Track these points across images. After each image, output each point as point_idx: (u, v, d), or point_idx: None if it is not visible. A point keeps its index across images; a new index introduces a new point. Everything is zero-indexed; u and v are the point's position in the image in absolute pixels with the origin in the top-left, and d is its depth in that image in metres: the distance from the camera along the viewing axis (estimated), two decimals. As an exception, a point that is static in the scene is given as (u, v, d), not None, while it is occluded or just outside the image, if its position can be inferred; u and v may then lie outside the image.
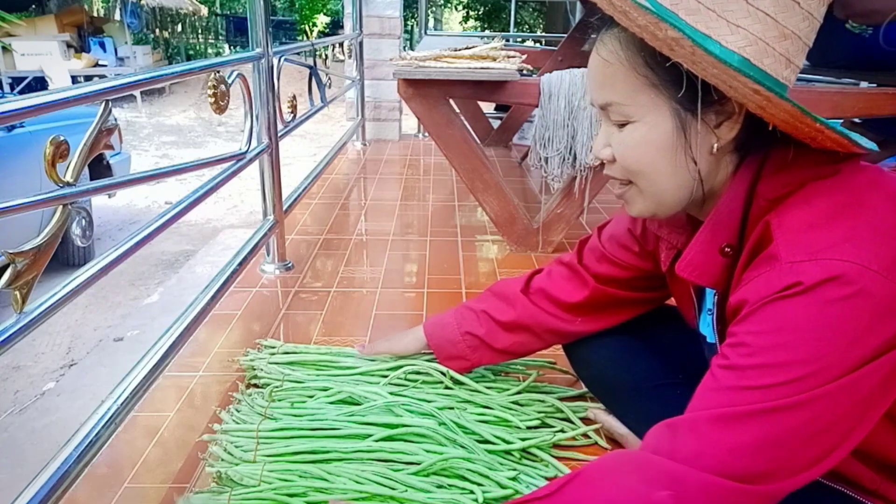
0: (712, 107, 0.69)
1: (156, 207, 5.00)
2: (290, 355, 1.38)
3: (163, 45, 12.41)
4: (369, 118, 4.08)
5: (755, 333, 0.65)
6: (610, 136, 0.76)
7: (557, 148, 1.97)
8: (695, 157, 0.71)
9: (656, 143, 0.71)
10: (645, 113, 0.71)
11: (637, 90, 0.71)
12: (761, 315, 0.65)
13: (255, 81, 1.83)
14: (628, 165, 0.75)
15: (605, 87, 0.73)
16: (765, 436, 0.62)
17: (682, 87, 0.68)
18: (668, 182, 0.74)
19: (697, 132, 0.70)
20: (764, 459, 0.62)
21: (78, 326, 3.04)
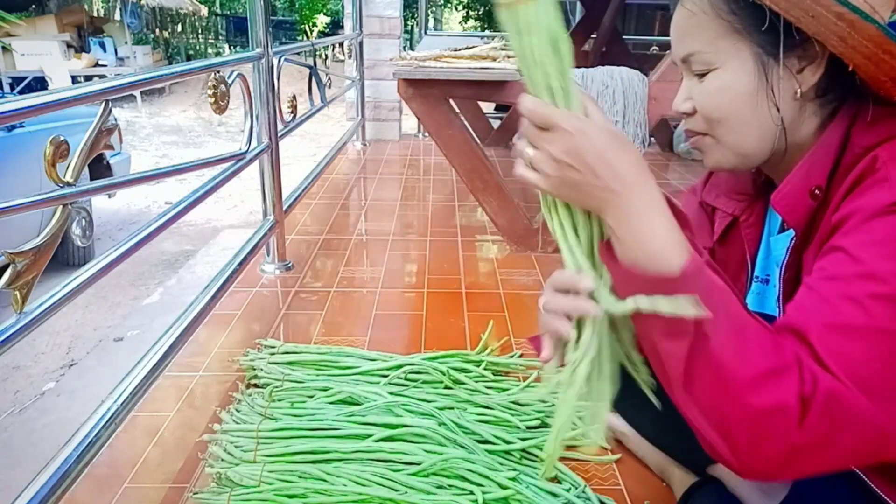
0: (794, 50, 0.67)
1: (156, 207, 5.00)
2: (291, 355, 1.38)
3: (163, 45, 12.41)
4: (369, 118, 4.08)
5: (861, 245, 0.60)
6: (691, 89, 0.74)
7: (557, 148, 1.97)
8: (777, 102, 0.69)
9: (738, 88, 0.70)
10: (727, 59, 0.70)
11: (719, 36, 0.70)
12: (868, 227, 0.61)
13: (255, 81, 1.83)
14: (709, 113, 0.73)
15: (688, 36, 0.72)
16: (882, 353, 0.56)
17: (761, 31, 0.66)
18: (750, 130, 0.72)
19: (780, 77, 0.68)
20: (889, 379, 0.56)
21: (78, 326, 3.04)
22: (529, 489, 1.04)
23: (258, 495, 1.02)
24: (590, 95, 1.94)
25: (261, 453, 1.10)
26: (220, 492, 1.04)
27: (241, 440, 1.14)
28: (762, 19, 0.66)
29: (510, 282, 1.96)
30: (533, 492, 1.04)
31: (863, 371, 0.56)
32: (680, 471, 1.05)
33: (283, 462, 1.08)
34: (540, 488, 1.05)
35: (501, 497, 1.02)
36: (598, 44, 3.97)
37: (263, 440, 1.13)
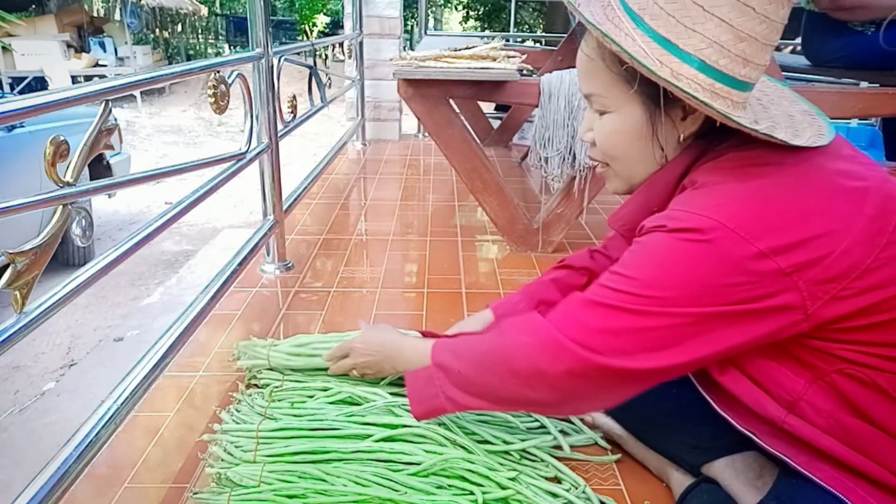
0: (678, 103, 0.77)
1: (156, 207, 5.00)
2: (293, 347, 1.37)
3: (163, 45, 12.41)
4: (369, 118, 4.08)
5: (628, 252, 0.79)
6: (593, 122, 0.86)
7: (557, 148, 1.97)
8: (662, 145, 0.82)
9: (629, 131, 0.82)
10: (619, 105, 0.81)
11: (612, 84, 0.80)
12: (637, 241, 0.79)
13: (255, 81, 1.83)
14: (605, 150, 0.86)
15: (587, 79, 0.84)
16: (607, 323, 0.77)
17: (648, 84, 0.76)
18: (638, 166, 0.85)
19: (663, 124, 0.80)
20: (602, 338, 0.77)
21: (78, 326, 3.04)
22: (529, 489, 1.04)
23: (258, 495, 1.02)
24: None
25: (261, 453, 1.10)
26: (219, 492, 1.04)
27: (240, 440, 1.14)
28: (647, 78, 0.75)
29: (510, 282, 1.96)
30: (533, 492, 1.04)
31: (581, 325, 0.80)
32: (678, 472, 1.05)
33: (282, 462, 1.08)
34: (540, 488, 1.05)
35: (501, 497, 1.02)
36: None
37: (263, 440, 1.13)
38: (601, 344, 0.77)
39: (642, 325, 0.75)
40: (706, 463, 0.99)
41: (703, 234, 0.70)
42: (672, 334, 0.74)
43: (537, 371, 0.82)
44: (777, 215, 0.70)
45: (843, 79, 2.38)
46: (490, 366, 0.88)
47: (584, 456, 1.17)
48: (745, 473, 0.94)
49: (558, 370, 0.80)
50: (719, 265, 0.70)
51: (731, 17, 0.71)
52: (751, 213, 0.70)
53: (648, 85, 0.76)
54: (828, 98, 1.98)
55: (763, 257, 0.69)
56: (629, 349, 0.76)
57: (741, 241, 0.69)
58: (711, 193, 0.74)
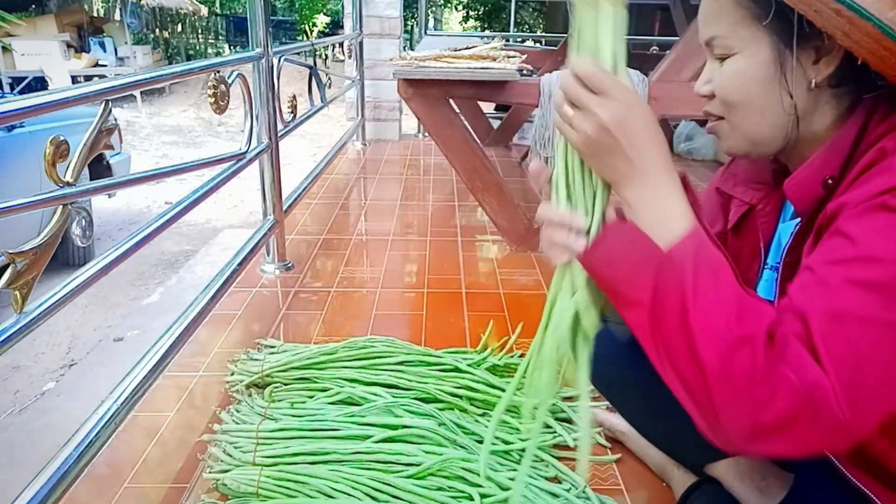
0: (810, 41, 0.68)
1: (156, 207, 5.00)
2: (288, 354, 1.38)
3: (163, 45, 12.41)
4: (369, 118, 4.08)
5: (860, 229, 0.61)
6: (712, 73, 0.76)
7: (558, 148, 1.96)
8: (791, 91, 0.71)
9: (754, 75, 0.72)
10: (745, 45, 0.72)
11: (739, 23, 0.71)
12: (866, 212, 0.61)
13: (255, 81, 1.83)
14: (726, 97, 0.74)
15: (711, 20, 0.74)
16: (868, 343, 0.56)
17: (780, 19, 0.67)
18: (762, 116, 0.73)
19: (793, 66, 0.70)
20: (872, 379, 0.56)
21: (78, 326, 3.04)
22: (529, 489, 1.04)
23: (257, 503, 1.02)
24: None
25: (260, 454, 1.10)
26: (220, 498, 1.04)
27: (240, 441, 1.14)
28: (779, 8, 0.67)
29: (510, 282, 1.96)
30: (533, 492, 1.04)
31: (853, 366, 0.56)
32: (679, 470, 1.05)
33: (282, 464, 1.08)
34: (540, 488, 1.05)
35: (502, 498, 1.02)
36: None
37: (263, 441, 1.13)
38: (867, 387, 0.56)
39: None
40: (709, 462, 0.98)
41: None
42: None
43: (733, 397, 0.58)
44: None
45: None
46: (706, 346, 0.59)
47: (584, 456, 1.17)
48: (750, 475, 0.93)
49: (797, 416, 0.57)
50: None
51: None
52: None
53: (781, 21, 0.67)
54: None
55: None
56: (887, 388, 0.57)
57: None
58: None
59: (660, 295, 0.61)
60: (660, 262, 0.62)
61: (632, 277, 0.64)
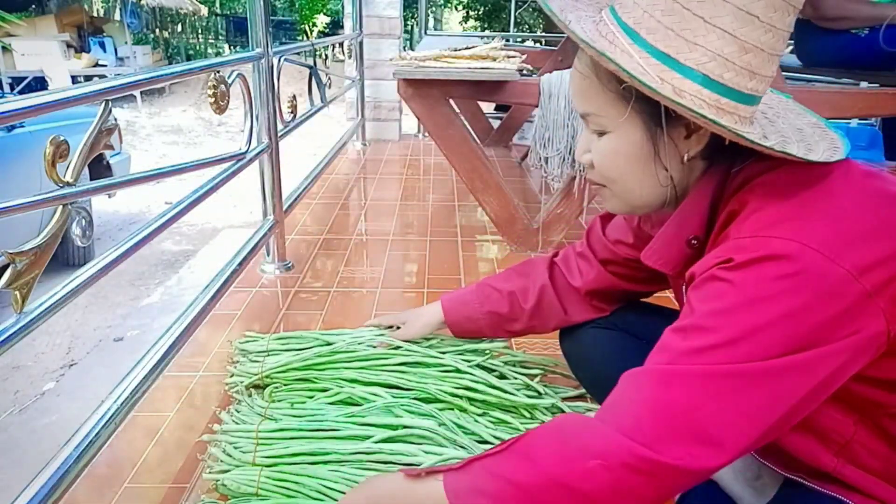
0: (680, 121, 0.72)
1: (156, 207, 5.00)
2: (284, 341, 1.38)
3: (163, 45, 12.41)
4: (369, 118, 4.08)
5: (698, 300, 0.69)
6: (590, 143, 0.80)
7: (557, 148, 1.97)
8: (666, 166, 0.75)
9: (628, 152, 0.76)
10: (617, 125, 0.75)
11: (609, 104, 0.75)
12: (706, 284, 0.69)
13: (255, 81, 1.83)
14: (603, 172, 0.79)
15: (583, 98, 0.78)
16: (696, 398, 0.64)
17: (647, 101, 0.70)
18: (640, 188, 0.78)
19: (665, 144, 0.74)
20: (693, 425, 0.64)
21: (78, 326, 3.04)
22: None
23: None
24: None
25: (260, 454, 1.09)
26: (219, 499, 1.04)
27: (240, 441, 1.14)
28: (646, 95, 0.69)
29: (510, 282, 1.96)
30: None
31: (674, 415, 0.66)
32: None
33: (282, 464, 1.08)
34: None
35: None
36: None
37: (263, 441, 1.13)
38: (701, 439, 0.64)
39: (747, 392, 0.63)
40: None
41: (790, 261, 0.62)
42: (780, 393, 0.64)
43: (625, 499, 0.67)
44: (851, 231, 0.64)
45: (843, 79, 2.37)
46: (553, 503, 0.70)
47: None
48: (744, 474, 0.94)
49: (652, 487, 0.66)
50: (815, 297, 0.62)
51: (735, 27, 0.66)
52: (826, 231, 0.64)
53: (648, 103, 0.71)
54: (828, 98, 1.98)
55: (852, 280, 0.62)
56: (727, 433, 0.64)
57: (829, 263, 0.62)
58: (776, 213, 0.66)
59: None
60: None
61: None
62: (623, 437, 0.66)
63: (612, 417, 0.69)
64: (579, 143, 0.82)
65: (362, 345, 1.33)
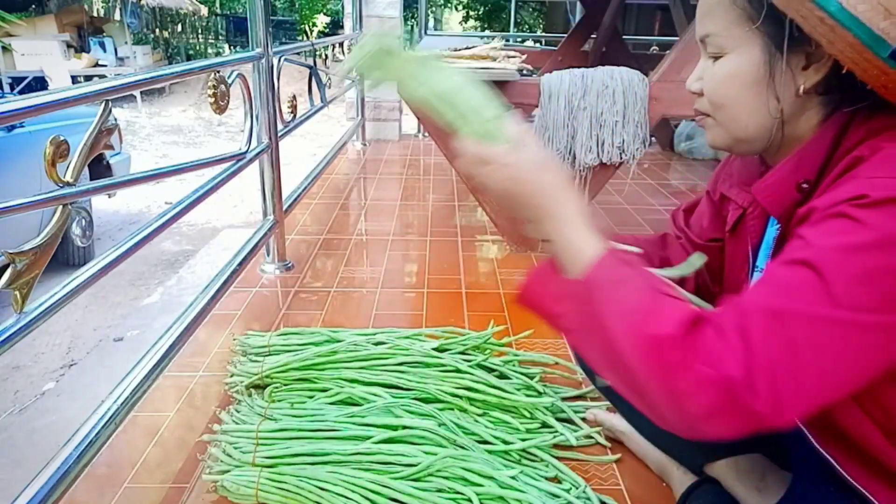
0: (801, 47, 0.69)
1: (156, 207, 5.00)
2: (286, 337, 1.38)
3: (163, 45, 12.41)
4: (369, 118, 4.08)
5: (819, 234, 0.63)
6: (704, 70, 0.77)
7: (557, 148, 1.97)
8: (778, 95, 0.72)
9: (743, 76, 0.73)
10: (737, 45, 0.72)
11: (733, 22, 0.72)
12: (831, 219, 0.63)
13: (255, 81, 1.83)
14: (714, 97, 0.76)
15: (707, 18, 0.75)
16: (814, 348, 0.59)
17: (773, 22, 0.68)
18: (748, 117, 0.74)
19: (783, 70, 0.71)
20: (794, 375, 0.58)
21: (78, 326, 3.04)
22: (530, 489, 1.04)
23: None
24: (589, 95, 1.94)
25: (260, 454, 1.09)
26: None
27: (240, 441, 1.14)
28: (773, 12, 0.67)
29: (510, 282, 1.96)
30: (533, 492, 1.04)
31: (781, 359, 0.59)
32: (679, 470, 1.05)
33: (281, 464, 1.08)
34: (540, 488, 1.05)
35: (500, 496, 1.02)
36: (598, 44, 3.97)
37: (263, 441, 1.13)
38: (789, 384, 0.59)
39: (850, 342, 0.59)
40: (709, 462, 0.98)
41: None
42: (881, 352, 0.60)
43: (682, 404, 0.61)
44: None
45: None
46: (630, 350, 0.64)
47: (584, 456, 1.17)
48: (748, 475, 0.93)
49: (733, 419, 0.60)
50: None
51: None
52: None
53: (773, 24, 0.68)
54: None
55: None
56: (815, 382, 0.59)
57: None
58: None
59: (582, 318, 0.69)
60: (575, 291, 0.69)
61: (558, 311, 0.73)
62: (734, 366, 0.59)
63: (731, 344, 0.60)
64: (694, 71, 0.79)
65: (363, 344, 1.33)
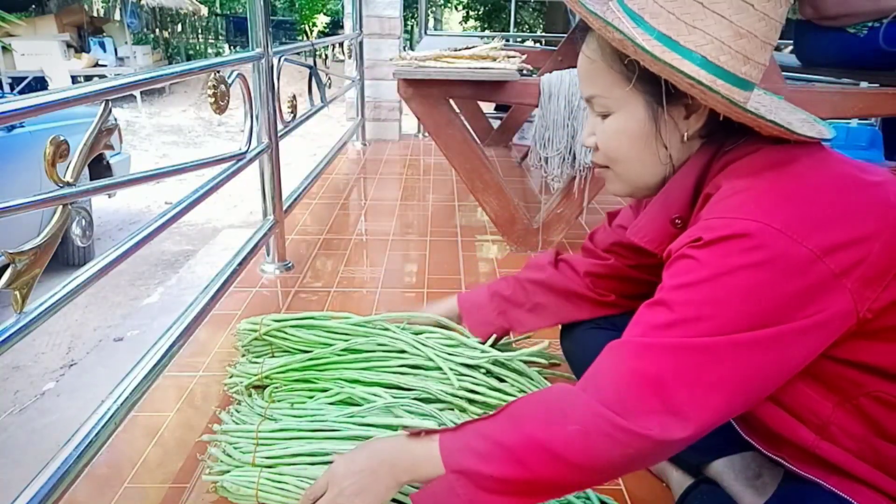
0: (680, 100, 0.77)
1: (156, 207, 5.00)
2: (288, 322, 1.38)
3: (163, 45, 12.40)
4: (369, 118, 4.08)
5: (669, 276, 0.73)
6: (595, 126, 0.85)
7: (557, 148, 1.97)
8: (666, 144, 0.80)
9: (631, 132, 0.80)
10: (622, 105, 0.80)
11: (614, 84, 0.79)
12: (676, 261, 0.73)
13: (255, 81, 1.83)
14: (607, 152, 0.84)
15: (589, 81, 0.82)
16: (665, 371, 0.67)
17: (650, 81, 0.76)
18: (642, 167, 0.82)
19: (666, 123, 0.79)
20: (662, 396, 0.67)
21: (78, 326, 3.04)
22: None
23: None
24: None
25: (260, 455, 1.09)
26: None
27: (240, 441, 1.14)
28: (648, 72, 0.75)
29: (510, 282, 1.96)
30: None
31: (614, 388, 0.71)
32: (677, 472, 1.05)
33: (281, 465, 1.08)
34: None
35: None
36: (598, 44, 3.96)
37: (263, 441, 1.13)
38: (669, 409, 0.67)
39: (712, 365, 0.67)
40: (706, 463, 0.99)
41: (752, 239, 0.66)
42: (745, 368, 0.67)
43: (597, 462, 0.70)
44: (817, 213, 0.67)
45: (843, 79, 2.37)
46: (534, 463, 0.72)
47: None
48: (744, 473, 0.94)
49: (623, 454, 0.69)
50: (776, 274, 0.65)
51: (730, 13, 0.71)
52: (792, 213, 0.67)
53: (650, 82, 0.76)
54: (828, 98, 1.98)
55: (815, 259, 0.65)
56: (693, 405, 0.67)
57: (792, 243, 0.65)
58: (744, 196, 0.70)
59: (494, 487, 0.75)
60: (454, 483, 0.76)
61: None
62: (599, 406, 0.69)
63: (592, 386, 0.73)
64: (585, 127, 0.86)
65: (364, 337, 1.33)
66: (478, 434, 0.77)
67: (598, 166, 0.87)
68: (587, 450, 0.69)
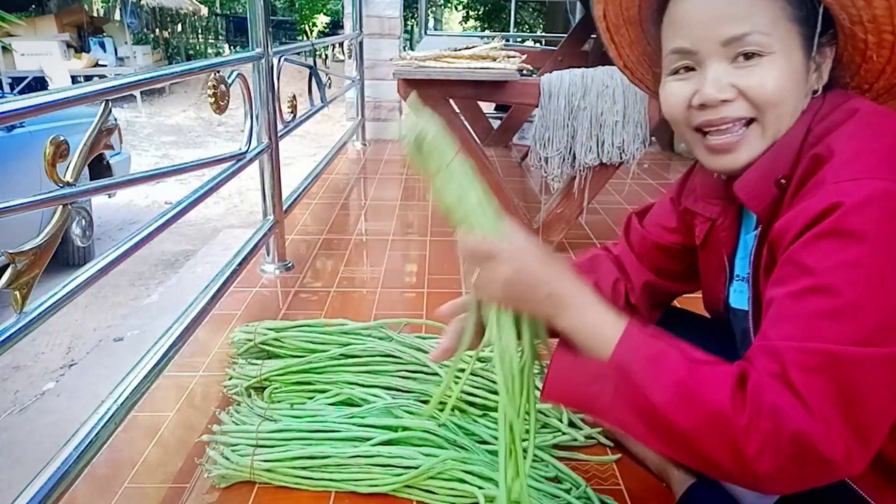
0: (822, 47, 0.72)
1: (156, 207, 5.00)
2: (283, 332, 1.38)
3: (163, 45, 12.40)
4: (369, 118, 4.08)
5: (813, 258, 0.62)
6: (730, 75, 0.72)
7: (557, 148, 1.97)
8: (808, 91, 0.73)
9: (793, 73, 0.72)
10: (782, 44, 0.71)
11: (776, 21, 0.71)
12: (813, 240, 0.63)
13: (255, 81, 1.83)
14: (766, 98, 0.72)
15: (744, 17, 0.71)
16: (855, 389, 0.58)
17: (807, 23, 0.70)
18: (791, 118, 0.73)
19: (811, 69, 0.73)
20: (847, 413, 0.57)
21: (78, 326, 3.03)
22: (530, 490, 1.04)
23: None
24: (589, 95, 1.94)
25: (258, 457, 1.09)
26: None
27: (240, 442, 1.14)
28: (807, 9, 0.70)
29: (510, 282, 1.95)
30: (533, 492, 1.04)
31: (836, 401, 0.58)
32: (678, 471, 1.05)
33: (281, 467, 1.08)
34: (540, 489, 1.05)
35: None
36: (598, 44, 3.97)
37: (262, 442, 1.13)
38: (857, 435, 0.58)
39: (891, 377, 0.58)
40: None
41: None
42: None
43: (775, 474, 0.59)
44: None
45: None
46: (706, 437, 0.61)
47: (584, 456, 1.17)
48: None
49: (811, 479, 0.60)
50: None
51: None
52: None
53: (806, 24, 0.71)
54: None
55: None
56: (875, 429, 0.59)
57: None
58: (876, 156, 0.64)
59: (623, 399, 0.65)
60: (607, 373, 0.66)
61: (591, 399, 0.68)
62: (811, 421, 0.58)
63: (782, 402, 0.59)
64: (710, 78, 0.73)
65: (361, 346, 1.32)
66: (667, 356, 0.64)
67: (733, 121, 0.73)
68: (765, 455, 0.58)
